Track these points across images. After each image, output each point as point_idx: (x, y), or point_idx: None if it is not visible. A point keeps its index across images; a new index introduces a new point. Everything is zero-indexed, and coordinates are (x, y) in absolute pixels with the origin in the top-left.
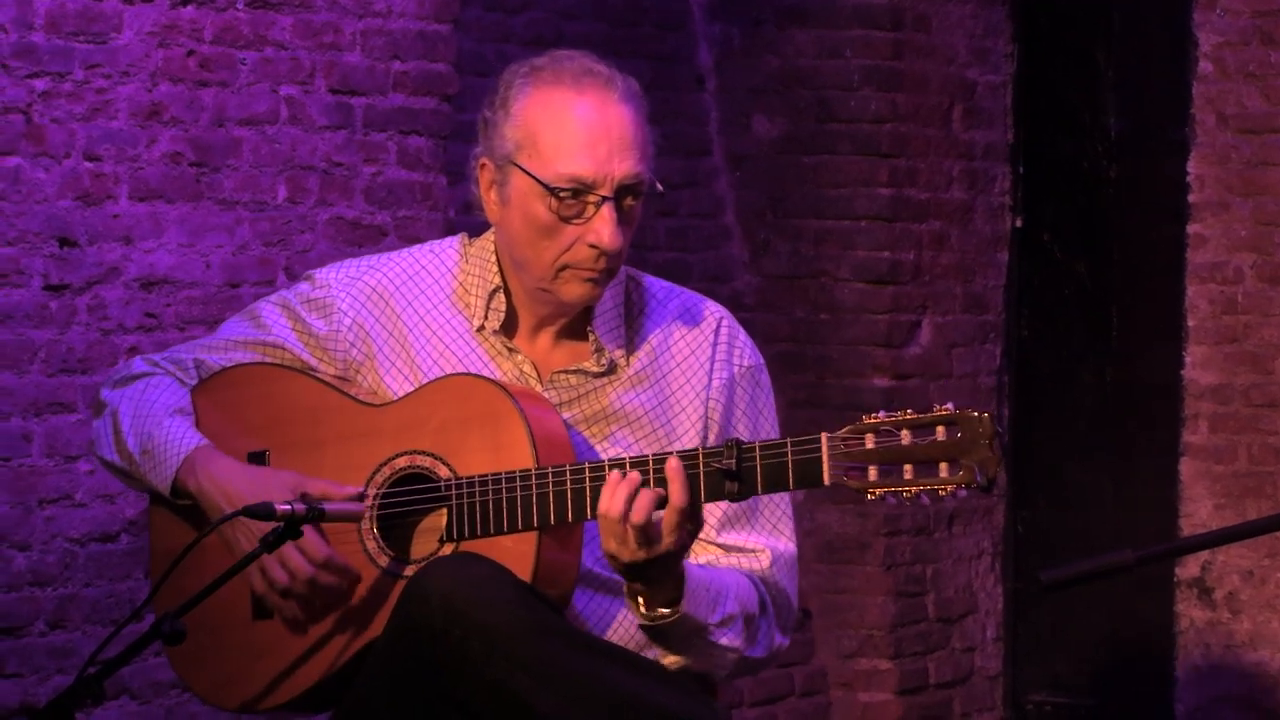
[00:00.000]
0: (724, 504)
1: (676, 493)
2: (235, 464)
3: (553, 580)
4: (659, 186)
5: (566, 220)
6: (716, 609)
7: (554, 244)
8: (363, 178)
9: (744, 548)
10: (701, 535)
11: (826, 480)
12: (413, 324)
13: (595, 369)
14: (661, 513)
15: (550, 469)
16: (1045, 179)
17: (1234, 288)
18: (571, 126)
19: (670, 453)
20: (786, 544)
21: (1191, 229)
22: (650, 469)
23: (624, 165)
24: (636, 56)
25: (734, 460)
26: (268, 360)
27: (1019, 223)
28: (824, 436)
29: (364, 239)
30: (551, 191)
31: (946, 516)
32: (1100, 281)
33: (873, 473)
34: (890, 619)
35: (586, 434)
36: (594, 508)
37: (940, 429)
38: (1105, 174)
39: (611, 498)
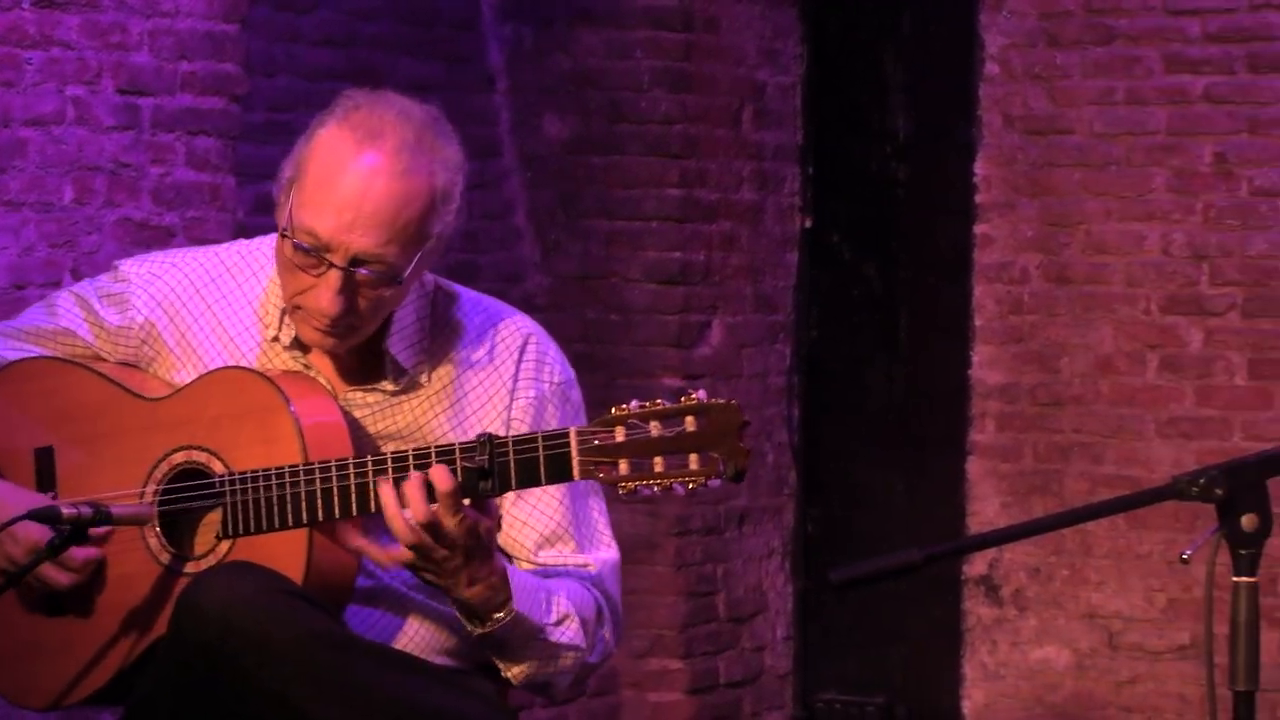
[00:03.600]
0: (541, 525)
1: (442, 482)
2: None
3: (327, 578)
4: (402, 276)
5: (301, 269)
6: (551, 608)
7: (293, 282)
8: (150, 178)
9: (566, 563)
10: (521, 556)
11: (576, 475)
12: (208, 328)
13: (392, 387)
14: (435, 507)
15: (317, 465)
16: (834, 180)
17: (1020, 288)
18: (333, 182)
19: (429, 448)
20: (607, 551)
21: (978, 229)
22: (410, 465)
23: (365, 240)
24: (428, 57)
25: (487, 457)
26: (58, 354)
27: (808, 223)
28: (573, 431)
29: (152, 240)
30: (288, 237)
31: (737, 516)
32: (888, 282)
33: (624, 466)
34: (681, 619)
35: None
36: (360, 504)
37: (689, 419)
38: (893, 175)
39: (391, 506)
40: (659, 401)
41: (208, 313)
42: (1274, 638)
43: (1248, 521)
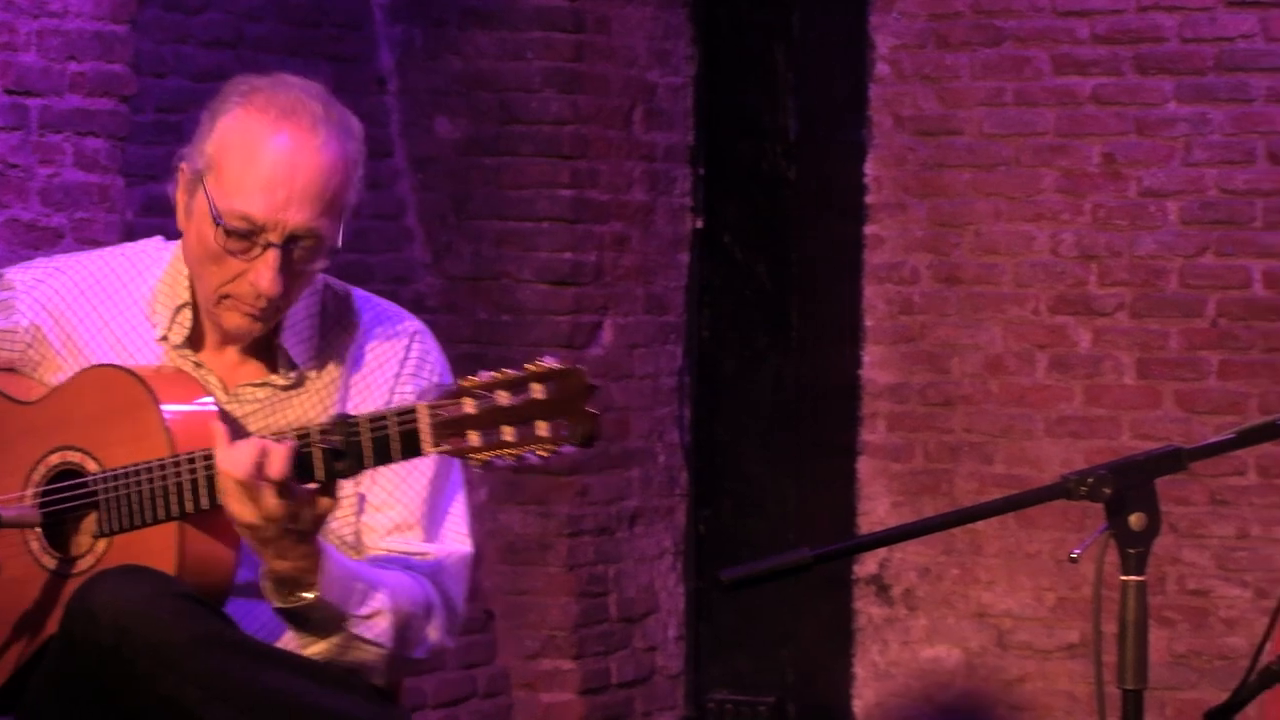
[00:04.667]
0: (394, 512)
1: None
2: None
3: (202, 571)
4: (338, 244)
5: (233, 254)
6: (365, 603)
7: (220, 271)
8: (38, 179)
9: (411, 551)
10: (370, 541)
11: (426, 449)
12: (95, 330)
13: (283, 382)
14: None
15: (183, 457)
16: (725, 180)
17: (910, 288)
18: (258, 164)
19: (286, 432)
20: (457, 545)
21: (869, 230)
22: None
23: (300, 215)
24: (318, 58)
25: (341, 437)
26: None
27: (700, 224)
28: (421, 405)
29: (40, 241)
30: (220, 224)
31: (629, 517)
32: (780, 282)
33: (474, 437)
34: (573, 619)
35: None
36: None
37: (536, 386)
38: (784, 175)
39: (231, 456)
40: (505, 370)
41: (94, 315)
42: (1162, 636)
43: (1136, 520)
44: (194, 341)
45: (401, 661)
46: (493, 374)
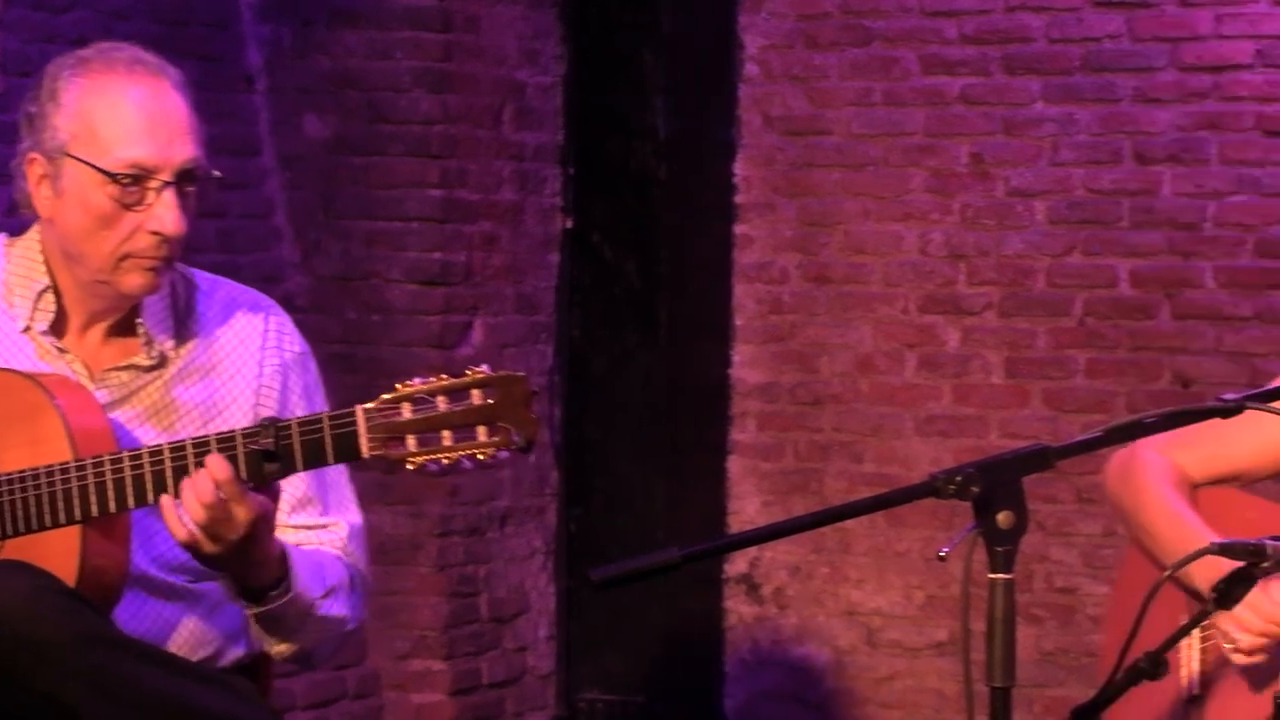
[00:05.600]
0: (292, 489)
1: (219, 471)
2: None
3: (101, 574)
4: (216, 173)
5: (128, 207)
6: (321, 582)
7: (114, 233)
8: None
9: (317, 524)
10: (275, 520)
11: (365, 453)
12: None
13: (146, 363)
14: (218, 495)
15: (90, 460)
16: (595, 180)
17: (780, 287)
18: (129, 113)
19: (208, 437)
20: (353, 515)
21: (738, 229)
22: (190, 455)
23: (184, 150)
24: (186, 56)
25: (272, 440)
26: None
27: (569, 224)
28: (359, 409)
29: None
30: (112, 178)
31: (499, 517)
32: (650, 282)
33: (411, 442)
34: (443, 620)
35: (143, 430)
36: (137, 497)
37: (476, 393)
38: (654, 175)
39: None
40: (443, 376)
41: None
42: (1030, 634)
43: (1004, 519)
44: (57, 328)
45: (350, 634)
46: (432, 379)
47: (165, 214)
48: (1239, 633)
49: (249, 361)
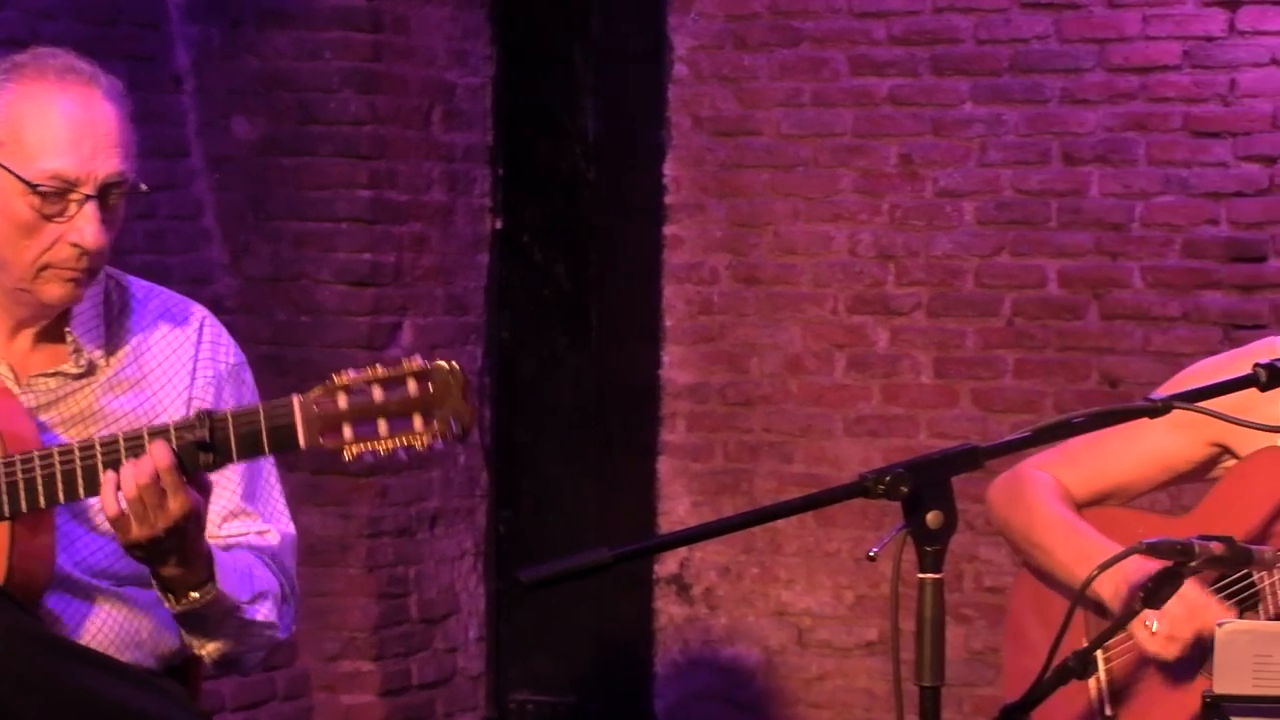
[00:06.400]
0: (224, 500)
1: (161, 458)
2: None
3: (29, 570)
4: (143, 186)
5: (48, 218)
6: (247, 586)
7: (35, 243)
8: None
9: (249, 532)
10: (207, 531)
11: (302, 443)
12: None
13: (74, 370)
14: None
15: (19, 456)
16: (525, 181)
17: (710, 288)
18: (55, 123)
19: (141, 430)
20: (286, 526)
21: (668, 230)
22: (121, 447)
23: (108, 163)
24: (113, 57)
25: (206, 430)
26: None
27: (499, 224)
28: (295, 399)
29: None
30: (33, 188)
31: (429, 518)
32: (579, 282)
33: (347, 431)
34: (373, 621)
35: (68, 436)
36: (67, 491)
37: (412, 382)
38: (584, 176)
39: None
40: (379, 367)
41: None
42: (959, 633)
43: (933, 519)
44: None
45: (278, 642)
46: (369, 370)
47: (86, 227)
48: (1163, 623)
49: (180, 372)
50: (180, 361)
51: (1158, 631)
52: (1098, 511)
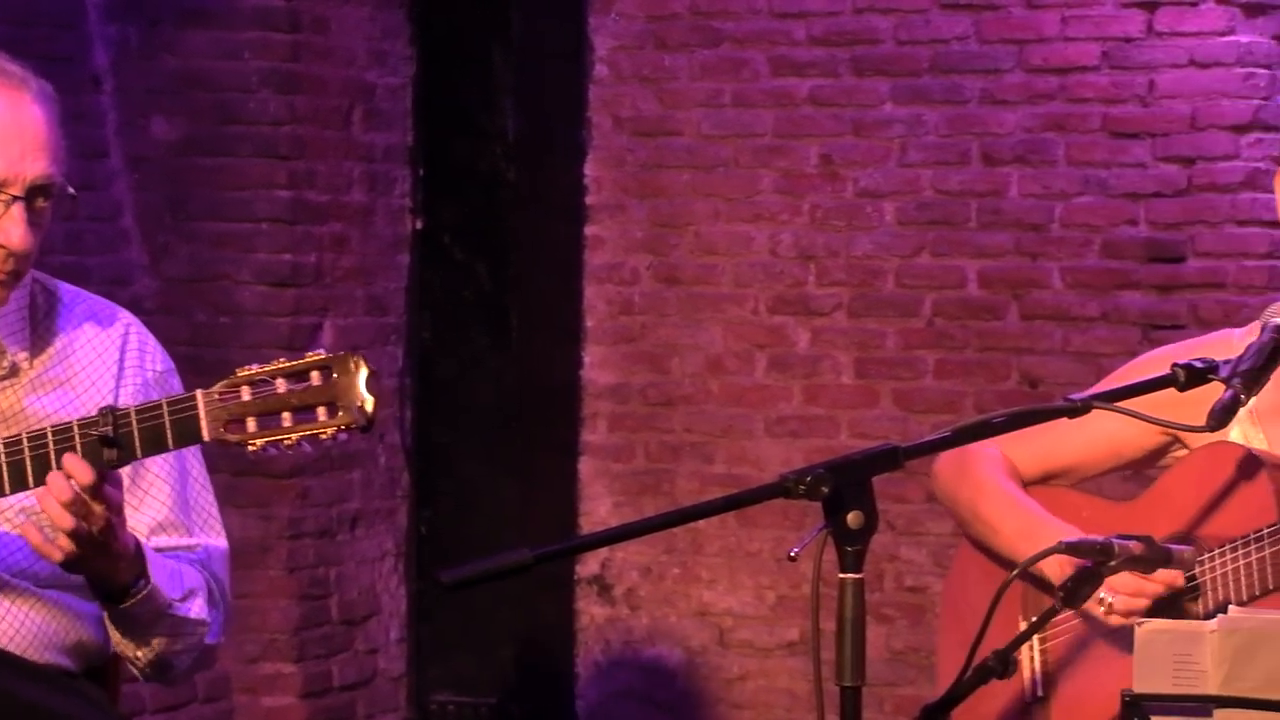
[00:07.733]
0: (153, 512)
1: (82, 475)
2: None
3: None
4: (70, 190)
5: None
6: (177, 585)
7: None
8: None
9: (179, 547)
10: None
11: (206, 436)
12: None
13: None
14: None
15: None
16: (445, 181)
17: (630, 288)
18: None
19: (45, 429)
20: (217, 539)
21: (589, 230)
22: (26, 449)
23: (37, 166)
24: (31, 57)
25: (110, 426)
26: None
27: (419, 225)
28: (199, 393)
29: None
30: None
31: (350, 519)
32: (500, 283)
33: (251, 424)
34: (293, 622)
35: None
36: None
37: (315, 374)
38: (504, 176)
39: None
40: (282, 360)
41: None
42: (880, 633)
43: (853, 519)
44: None
45: (208, 648)
46: (272, 364)
47: (12, 229)
48: (1115, 595)
49: (105, 376)
50: (105, 365)
51: (1115, 604)
52: (1044, 490)
